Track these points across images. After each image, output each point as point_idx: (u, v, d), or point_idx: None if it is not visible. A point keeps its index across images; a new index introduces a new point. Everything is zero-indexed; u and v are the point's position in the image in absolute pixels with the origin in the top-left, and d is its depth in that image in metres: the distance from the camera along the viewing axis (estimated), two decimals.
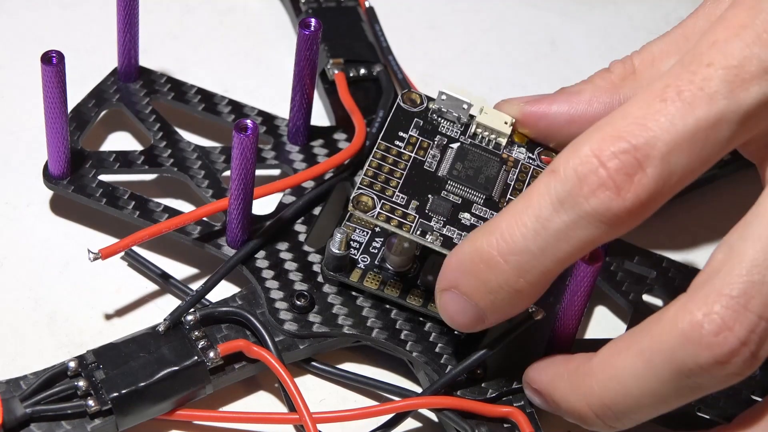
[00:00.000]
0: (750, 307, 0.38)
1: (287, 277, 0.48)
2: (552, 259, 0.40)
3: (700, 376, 0.38)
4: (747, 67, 0.39)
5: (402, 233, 0.45)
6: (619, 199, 0.39)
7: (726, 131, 0.39)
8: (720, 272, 0.38)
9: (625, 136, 0.39)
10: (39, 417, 0.43)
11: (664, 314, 0.39)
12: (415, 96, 0.48)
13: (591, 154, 0.39)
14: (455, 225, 0.45)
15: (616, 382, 0.40)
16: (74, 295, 0.48)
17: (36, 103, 0.48)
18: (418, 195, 0.45)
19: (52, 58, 0.45)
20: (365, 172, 0.45)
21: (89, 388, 0.43)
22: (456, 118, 0.47)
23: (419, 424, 0.47)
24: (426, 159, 0.46)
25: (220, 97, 0.53)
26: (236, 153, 0.45)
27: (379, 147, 0.46)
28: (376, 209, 0.45)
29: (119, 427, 0.44)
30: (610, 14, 0.60)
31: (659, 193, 0.39)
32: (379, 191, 0.45)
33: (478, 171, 0.46)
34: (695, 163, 0.39)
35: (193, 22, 0.58)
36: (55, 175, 0.49)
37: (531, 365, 0.44)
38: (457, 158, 0.46)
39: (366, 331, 0.47)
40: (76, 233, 0.50)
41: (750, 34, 0.39)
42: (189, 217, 0.47)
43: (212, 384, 0.45)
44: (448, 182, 0.46)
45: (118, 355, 0.44)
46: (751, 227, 0.39)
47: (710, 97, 0.39)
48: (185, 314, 0.46)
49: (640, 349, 0.39)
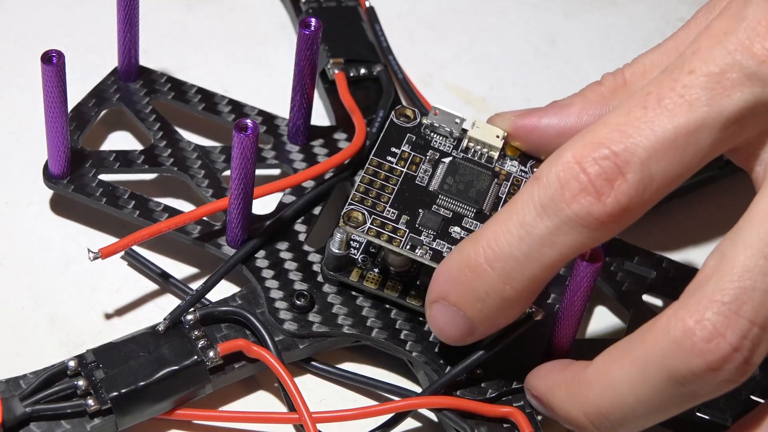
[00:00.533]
0: (742, 313, 0.38)
1: (287, 277, 0.48)
2: (537, 265, 0.41)
3: (694, 383, 0.38)
4: (729, 74, 0.39)
5: (392, 248, 0.45)
6: (600, 203, 0.39)
7: (707, 138, 0.39)
8: (711, 279, 0.38)
9: (605, 143, 0.39)
10: (39, 416, 0.43)
11: (657, 322, 0.39)
12: (409, 111, 0.48)
13: (573, 161, 0.40)
14: (445, 239, 0.45)
15: (611, 390, 0.40)
16: (74, 295, 0.48)
17: (37, 102, 0.48)
18: (409, 210, 0.46)
19: (52, 58, 0.45)
20: (356, 188, 0.46)
21: (89, 387, 0.43)
22: (448, 132, 0.48)
23: (419, 424, 0.47)
24: (418, 174, 0.47)
25: (220, 96, 0.53)
26: (236, 153, 0.45)
27: (371, 163, 0.47)
28: (366, 224, 0.45)
29: (119, 426, 0.44)
30: (610, 14, 0.60)
31: (640, 199, 0.40)
32: (369, 206, 0.46)
33: (469, 185, 0.47)
34: (676, 169, 0.40)
35: (194, 22, 0.58)
36: (55, 174, 0.49)
37: (531, 372, 0.44)
38: (448, 172, 0.47)
39: (366, 331, 0.47)
40: (77, 233, 0.50)
41: (732, 42, 0.39)
42: (189, 217, 0.47)
43: (212, 383, 0.45)
44: (439, 196, 0.46)
45: (118, 354, 0.44)
46: (742, 233, 0.39)
47: (690, 104, 0.39)
48: (185, 314, 0.46)
49: (633, 357, 0.39)
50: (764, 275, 0.38)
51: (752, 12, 0.39)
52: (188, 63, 0.56)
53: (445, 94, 0.56)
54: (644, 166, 0.39)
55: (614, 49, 0.59)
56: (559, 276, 0.49)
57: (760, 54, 0.39)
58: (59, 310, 0.48)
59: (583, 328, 0.50)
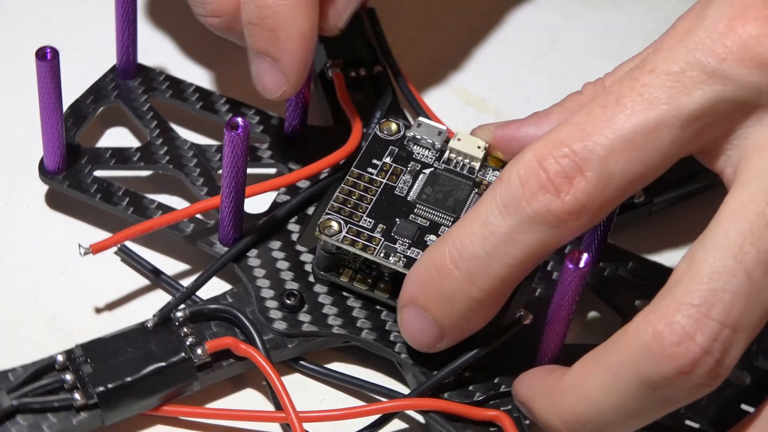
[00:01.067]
0: (712, 315, 0.37)
1: (278, 276, 0.48)
2: (501, 265, 0.41)
3: (666, 388, 0.38)
4: (689, 73, 0.39)
5: (366, 255, 0.45)
6: (559, 200, 0.40)
7: (668, 136, 0.39)
8: (681, 281, 0.38)
9: (566, 141, 0.40)
10: (25, 409, 0.43)
11: (629, 327, 0.39)
12: (393, 125, 0.49)
13: (533, 160, 0.40)
14: (420, 247, 0.46)
15: (587, 398, 0.40)
16: (74, 295, 0.49)
17: (36, 102, 0.48)
18: (385, 219, 0.46)
19: (47, 54, 0.45)
20: (335, 198, 0.47)
21: (76, 381, 0.44)
22: (431, 144, 0.48)
23: (406, 426, 0.47)
24: (397, 184, 0.47)
25: (218, 95, 0.53)
26: (227, 150, 0.45)
27: (352, 174, 0.47)
28: (341, 233, 0.46)
29: (105, 421, 0.44)
30: (610, 14, 0.60)
31: (600, 196, 0.40)
32: (346, 216, 0.46)
33: (448, 194, 0.47)
34: (637, 168, 0.40)
35: (194, 20, 0.58)
36: (50, 170, 0.49)
37: (518, 377, 0.44)
38: (427, 183, 0.47)
39: (355, 332, 0.47)
40: (76, 233, 0.50)
41: (693, 40, 0.39)
42: (180, 214, 0.47)
43: (199, 381, 0.45)
44: (416, 206, 0.47)
45: (106, 349, 0.44)
46: (711, 235, 0.39)
47: (650, 103, 0.39)
48: (174, 311, 0.46)
49: (606, 364, 0.39)
50: (733, 276, 0.38)
51: (713, 11, 0.39)
52: (187, 61, 0.56)
53: (445, 94, 0.56)
54: (603, 164, 0.39)
55: (614, 49, 0.58)
56: (551, 280, 0.49)
57: (720, 52, 0.39)
58: (59, 310, 0.48)
59: (576, 334, 0.50)
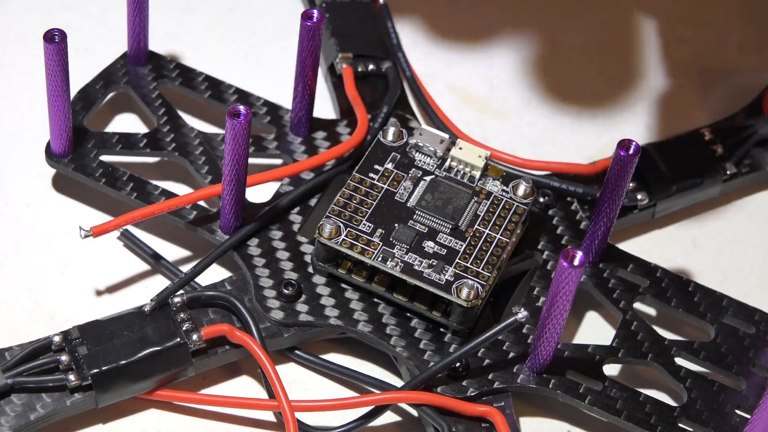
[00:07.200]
0: None
1: (278, 266, 0.48)
2: None
3: None
4: None
5: (364, 259, 0.46)
6: None
7: None
8: None
9: None
10: (20, 388, 0.44)
11: None
12: (396, 132, 0.49)
13: None
14: (417, 252, 0.46)
15: None
16: (74, 295, 0.49)
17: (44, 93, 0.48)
18: (385, 224, 0.47)
19: (54, 36, 0.46)
20: (335, 202, 0.47)
21: (71, 362, 0.44)
22: (432, 152, 0.49)
23: (399, 419, 0.47)
24: (398, 190, 0.48)
25: (227, 85, 0.53)
26: (229, 138, 0.45)
27: (353, 179, 0.48)
28: (340, 236, 0.46)
29: (99, 403, 0.44)
30: (610, 14, 0.60)
31: None
32: (346, 220, 0.46)
33: (447, 202, 0.47)
34: None
35: (207, 11, 0.58)
36: (56, 153, 0.50)
37: None
38: (428, 190, 0.48)
39: (351, 323, 0.47)
40: (77, 233, 0.50)
41: None
42: (182, 201, 0.48)
43: (194, 366, 0.45)
44: (416, 212, 0.47)
45: (103, 332, 0.45)
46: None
47: None
48: (172, 296, 0.46)
49: None
50: None
51: None
52: (199, 50, 0.56)
53: (445, 94, 0.56)
54: None
55: (614, 49, 0.58)
56: (550, 279, 0.49)
57: None
58: (59, 310, 0.48)
59: (573, 333, 0.50)
